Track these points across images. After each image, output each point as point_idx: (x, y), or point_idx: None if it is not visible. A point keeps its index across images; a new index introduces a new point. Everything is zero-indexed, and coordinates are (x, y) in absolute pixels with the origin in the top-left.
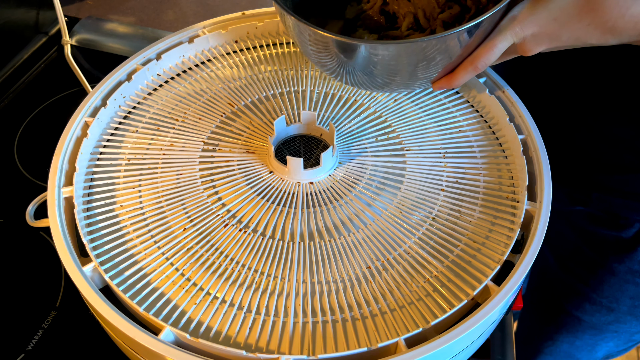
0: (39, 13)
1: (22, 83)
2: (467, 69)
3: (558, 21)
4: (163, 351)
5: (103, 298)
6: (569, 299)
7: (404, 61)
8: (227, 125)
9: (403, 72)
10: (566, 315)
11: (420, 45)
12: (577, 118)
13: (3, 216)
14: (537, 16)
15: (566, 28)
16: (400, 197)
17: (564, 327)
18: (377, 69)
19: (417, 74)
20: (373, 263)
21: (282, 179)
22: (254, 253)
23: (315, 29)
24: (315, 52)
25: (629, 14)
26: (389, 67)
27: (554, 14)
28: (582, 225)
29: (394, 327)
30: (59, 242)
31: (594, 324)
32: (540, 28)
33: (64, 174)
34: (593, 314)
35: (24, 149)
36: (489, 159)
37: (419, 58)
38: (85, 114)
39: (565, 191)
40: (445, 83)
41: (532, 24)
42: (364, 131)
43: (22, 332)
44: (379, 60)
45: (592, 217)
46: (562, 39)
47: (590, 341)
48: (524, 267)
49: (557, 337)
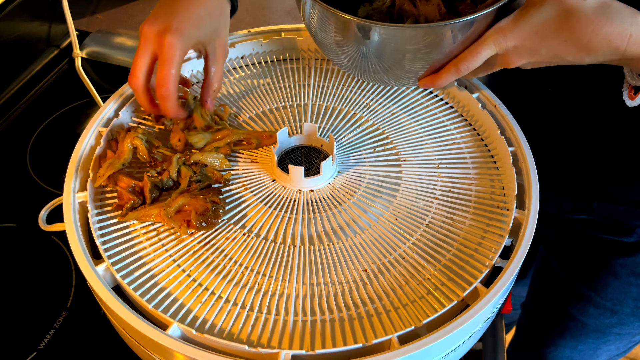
0: (51, 27)
1: (34, 93)
2: (450, 70)
3: (539, 35)
4: (171, 345)
5: (115, 296)
6: (573, 303)
7: (396, 46)
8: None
9: (395, 58)
10: (570, 320)
11: (413, 31)
12: (577, 131)
13: (16, 221)
14: (520, 28)
15: (545, 43)
16: (395, 204)
17: (568, 331)
18: (373, 51)
19: (405, 64)
20: (369, 266)
21: (284, 187)
22: (256, 256)
23: (338, 12)
24: (331, 38)
25: (602, 32)
26: (385, 51)
27: (535, 27)
28: (586, 231)
29: (389, 326)
30: (74, 244)
31: (598, 327)
32: (521, 41)
33: (79, 180)
34: (597, 317)
35: (36, 157)
36: (481, 169)
37: (410, 45)
38: (99, 124)
39: (568, 200)
40: (430, 81)
41: (515, 36)
42: (362, 142)
43: (34, 332)
44: (378, 43)
45: (595, 224)
46: (541, 54)
47: (593, 345)
48: (511, 271)
49: (560, 342)
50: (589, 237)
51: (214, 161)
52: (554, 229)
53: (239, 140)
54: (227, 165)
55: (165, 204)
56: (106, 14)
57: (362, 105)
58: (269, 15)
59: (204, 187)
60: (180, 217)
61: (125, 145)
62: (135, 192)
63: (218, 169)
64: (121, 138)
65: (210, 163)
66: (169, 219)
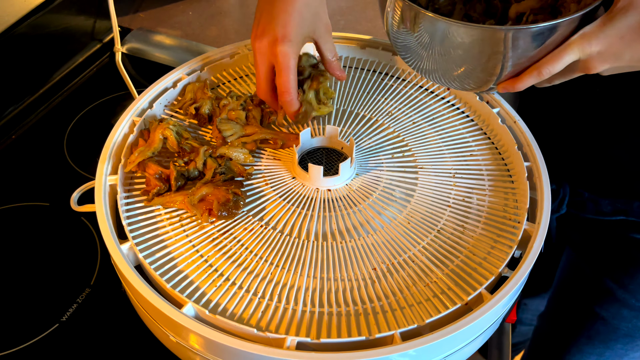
0: (95, 22)
1: (75, 83)
2: (532, 74)
3: (624, 40)
4: (185, 322)
5: (136, 273)
6: (606, 306)
7: (485, 48)
8: None
9: (479, 60)
10: (602, 324)
11: (501, 34)
12: (615, 132)
13: (49, 200)
14: (605, 33)
15: (630, 47)
16: (409, 209)
17: (598, 336)
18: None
19: (489, 66)
20: (379, 265)
21: (303, 185)
22: (271, 248)
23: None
24: (415, 37)
25: None
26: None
27: (621, 32)
28: (623, 233)
29: (393, 323)
30: (102, 222)
31: (630, 331)
32: (607, 46)
33: (111, 164)
34: (630, 320)
35: (72, 142)
36: (496, 182)
37: (498, 47)
38: (134, 114)
39: (607, 202)
40: (510, 85)
41: (600, 42)
42: (382, 148)
43: (59, 305)
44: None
45: (633, 225)
46: (625, 58)
47: (621, 351)
48: (516, 280)
49: (587, 348)
50: (626, 239)
51: (239, 155)
52: (588, 234)
53: (265, 139)
54: (251, 160)
55: (189, 192)
56: (148, 13)
57: (385, 112)
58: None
59: (227, 179)
60: (202, 206)
61: (156, 135)
62: (162, 179)
63: (242, 163)
64: (153, 128)
65: (235, 157)
66: (192, 206)
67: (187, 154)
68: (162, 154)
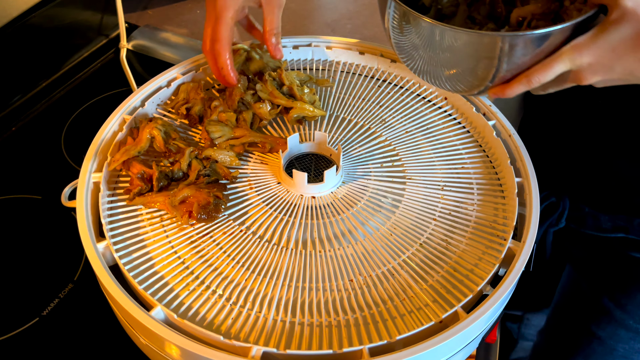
0: (103, 17)
1: (78, 78)
2: (521, 81)
3: (615, 52)
4: (151, 325)
5: (109, 273)
6: (603, 326)
7: (476, 51)
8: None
9: (470, 64)
10: (598, 344)
11: (491, 39)
12: (617, 146)
13: (42, 194)
14: (597, 45)
15: (621, 60)
16: (393, 220)
17: (594, 355)
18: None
19: (478, 71)
20: (356, 277)
21: (287, 191)
22: (249, 253)
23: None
24: (409, 41)
25: None
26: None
27: (612, 44)
28: (623, 251)
29: (364, 337)
30: (81, 218)
31: (626, 353)
32: (597, 58)
33: (97, 162)
34: (627, 341)
35: (70, 137)
36: (486, 196)
37: (487, 53)
38: (125, 111)
39: (607, 218)
40: (500, 90)
41: (591, 53)
42: (372, 156)
43: (40, 299)
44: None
45: (633, 243)
46: (616, 71)
47: None
48: (495, 299)
49: None
50: (625, 257)
51: (225, 158)
52: (587, 250)
53: (254, 142)
54: (237, 163)
55: (171, 194)
56: (156, 10)
57: (378, 120)
58: (309, 26)
59: (211, 181)
60: (183, 207)
61: (144, 134)
62: (144, 178)
63: (227, 165)
64: (142, 127)
65: (221, 159)
66: (173, 207)
67: (173, 154)
68: (149, 154)
